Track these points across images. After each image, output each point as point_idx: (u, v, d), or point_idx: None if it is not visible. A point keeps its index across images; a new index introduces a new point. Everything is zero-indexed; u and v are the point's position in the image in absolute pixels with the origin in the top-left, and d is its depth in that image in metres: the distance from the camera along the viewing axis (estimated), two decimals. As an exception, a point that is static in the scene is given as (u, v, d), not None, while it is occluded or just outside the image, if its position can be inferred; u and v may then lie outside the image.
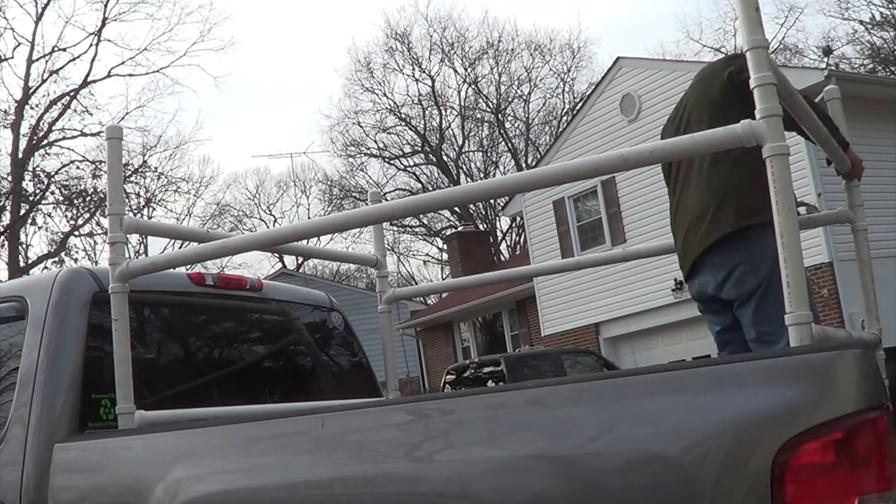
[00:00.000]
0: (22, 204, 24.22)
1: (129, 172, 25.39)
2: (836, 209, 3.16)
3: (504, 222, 35.03)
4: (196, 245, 2.91)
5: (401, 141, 36.62)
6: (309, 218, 36.15)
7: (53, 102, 25.31)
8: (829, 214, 3.32)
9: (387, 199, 31.84)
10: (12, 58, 25.38)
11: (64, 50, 25.59)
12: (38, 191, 24.54)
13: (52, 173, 24.73)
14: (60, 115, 25.35)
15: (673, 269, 13.61)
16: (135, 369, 2.60)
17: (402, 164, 36.69)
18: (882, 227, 12.06)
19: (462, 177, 35.55)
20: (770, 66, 1.90)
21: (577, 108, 20.11)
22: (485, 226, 34.04)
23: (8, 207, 23.98)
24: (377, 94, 36.42)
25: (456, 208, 31.96)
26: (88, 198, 24.55)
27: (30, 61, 25.08)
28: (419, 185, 35.91)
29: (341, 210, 34.84)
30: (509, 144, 35.87)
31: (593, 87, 18.65)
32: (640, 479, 1.67)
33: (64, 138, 25.49)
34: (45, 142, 25.21)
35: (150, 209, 27.48)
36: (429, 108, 36.07)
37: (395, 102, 36.39)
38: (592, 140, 16.28)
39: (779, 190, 1.84)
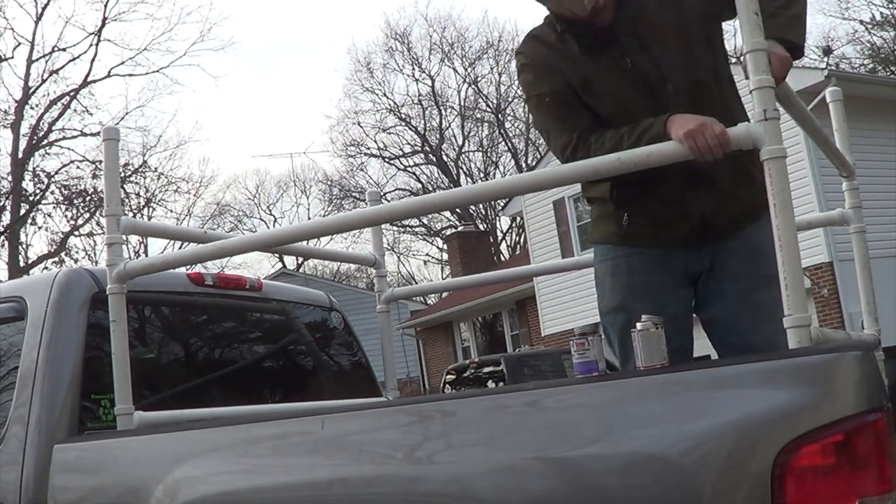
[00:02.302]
0: (22, 204, 24.20)
1: (129, 172, 25.37)
2: (835, 210, 3.18)
3: (504, 222, 35.05)
4: (195, 246, 2.91)
5: (401, 141, 36.66)
6: (309, 218, 36.22)
7: (53, 102, 25.30)
8: (827, 216, 3.34)
9: (386, 199, 31.92)
10: (12, 58, 25.31)
11: (64, 50, 25.57)
12: (38, 191, 24.54)
13: (52, 173, 24.73)
14: (60, 115, 25.34)
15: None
16: (134, 370, 2.60)
17: (402, 164, 36.71)
18: (882, 227, 12.05)
19: (462, 177, 35.56)
20: (769, 70, 1.91)
21: (577, 108, 20.04)
22: (485, 226, 34.04)
23: (8, 207, 23.97)
24: (377, 94, 36.44)
25: (456, 208, 31.97)
26: (88, 198, 24.53)
27: (30, 61, 25.07)
28: (419, 185, 35.91)
29: (341, 210, 34.89)
30: (509, 144, 35.87)
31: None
32: (640, 481, 1.67)
33: (64, 138, 25.48)
34: (45, 142, 25.18)
35: (150, 209, 27.47)
36: (429, 108, 36.08)
37: (395, 102, 36.40)
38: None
39: (776, 192, 1.85)
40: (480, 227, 33.18)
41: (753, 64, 1.89)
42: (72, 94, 25.36)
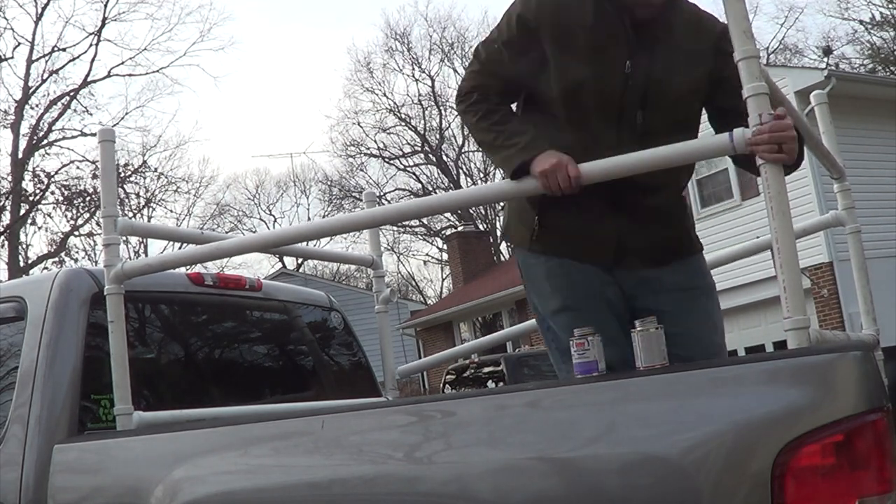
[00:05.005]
0: (22, 204, 24.21)
1: (129, 172, 25.42)
2: (829, 213, 3.21)
3: (504, 222, 34.99)
4: (194, 246, 2.91)
5: (401, 141, 36.64)
6: (309, 218, 36.23)
7: (53, 102, 25.33)
8: (821, 220, 3.37)
9: (386, 200, 31.88)
10: (12, 58, 25.36)
11: (64, 50, 25.60)
12: (38, 191, 24.53)
13: (52, 173, 24.75)
14: (60, 115, 25.38)
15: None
16: (134, 370, 2.60)
17: (401, 164, 36.69)
18: (881, 227, 12.05)
19: (462, 177, 35.56)
20: (762, 76, 1.91)
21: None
22: (485, 226, 34.02)
23: (8, 207, 23.97)
24: (377, 94, 36.46)
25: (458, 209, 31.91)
26: (88, 198, 24.53)
27: (30, 61, 25.09)
28: (419, 185, 35.91)
29: (341, 210, 34.87)
30: (509, 144, 35.80)
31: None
32: (640, 481, 1.67)
33: (64, 138, 25.52)
34: (45, 142, 25.20)
35: (150, 209, 27.50)
36: (429, 108, 36.08)
37: (394, 102, 36.50)
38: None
39: (773, 196, 1.86)
40: (480, 227, 33.17)
41: (746, 71, 1.90)
42: (72, 94, 25.40)
